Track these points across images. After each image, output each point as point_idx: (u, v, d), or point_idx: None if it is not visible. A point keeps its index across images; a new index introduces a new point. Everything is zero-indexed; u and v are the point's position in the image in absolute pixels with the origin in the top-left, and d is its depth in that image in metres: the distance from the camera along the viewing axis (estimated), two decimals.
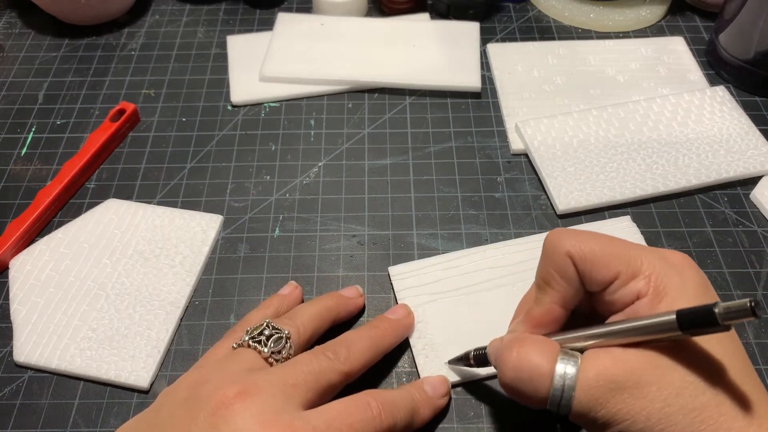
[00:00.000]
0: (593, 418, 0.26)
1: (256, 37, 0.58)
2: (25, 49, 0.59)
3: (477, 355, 0.34)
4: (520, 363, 0.27)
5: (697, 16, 0.61)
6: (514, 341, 0.28)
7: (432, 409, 0.34)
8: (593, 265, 0.27)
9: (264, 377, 0.30)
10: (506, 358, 0.28)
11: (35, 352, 0.38)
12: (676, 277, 0.26)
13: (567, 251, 0.28)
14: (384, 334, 0.36)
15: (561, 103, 0.52)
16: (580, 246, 0.28)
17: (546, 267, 0.29)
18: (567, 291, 0.29)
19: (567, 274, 0.28)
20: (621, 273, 0.27)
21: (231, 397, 0.28)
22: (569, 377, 0.26)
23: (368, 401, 0.30)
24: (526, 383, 0.27)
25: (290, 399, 0.29)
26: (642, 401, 0.24)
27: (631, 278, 0.27)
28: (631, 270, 0.27)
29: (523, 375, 0.27)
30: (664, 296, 0.26)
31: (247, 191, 0.47)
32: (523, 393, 0.27)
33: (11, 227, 0.44)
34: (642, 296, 0.26)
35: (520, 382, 0.27)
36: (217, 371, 0.31)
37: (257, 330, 0.33)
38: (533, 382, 0.27)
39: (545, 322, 0.30)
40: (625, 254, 0.27)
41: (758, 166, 0.46)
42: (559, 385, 0.26)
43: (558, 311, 0.29)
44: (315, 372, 0.31)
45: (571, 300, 0.29)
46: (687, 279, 0.26)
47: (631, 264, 0.27)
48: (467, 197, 0.46)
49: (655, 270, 0.26)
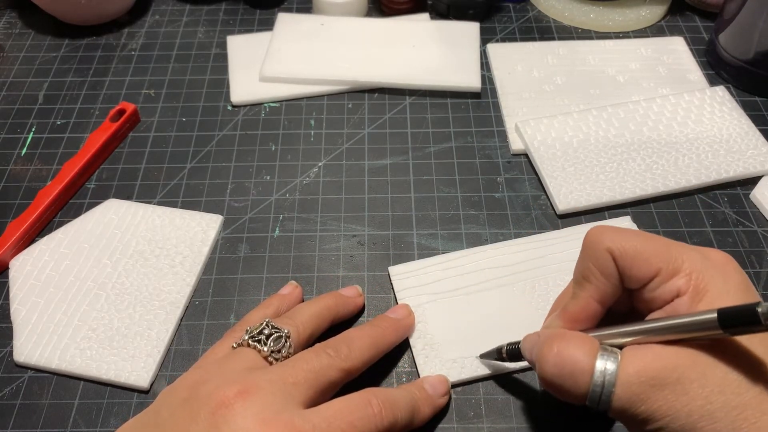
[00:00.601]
0: (633, 414, 0.26)
1: (256, 37, 0.58)
2: (25, 49, 0.59)
3: (510, 350, 0.34)
4: (560, 358, 0.27)
5: (697, 16, 0.61)
6: (554, 336, 0.28)
7: (432, 407, 0.34)
8: (633, 262, 0.27)
9: (264, 376, 0.30)
10: (546, 354, 0.28)
11: (35, 352, 0.38)
12: (718, 276, 0.26)
13: (607, 247, 0.28)
14: (385, 333, 0.36)
15: (561, 103, 0.52)
16: (621, 242, 0.28)
17: (585, 262, 0.29)
18: (606, 287, 0.29)
19: (606, 270, 0.28)
20: (661, 270, 0.27)
21: (231, 396, 0.28)
22: (609, 373, 0.26)
23: (369, 399, 0.30)
24: (566, 379, 0.27)
25: (290, 397, 0.29)
26: (684, 398, 0.24)
27: (672, 276, 0.27)
28: (672, 267, 0.27)
29: (563, 371, 0.27)
30: (705, 295, 0.26)
31: (247, 191, 0.47)
32: (562, 388, 0.27)
33: (11, 227, 0.44)
34: (682, 294, 0.26)
35: (560, 377, 0.27)
36: (216, 371, 0.31)
37: (257, 329, 0.33)
38: (573, 377, 0.27)
39: (582, 318, 0.29)
40: (666, 251, 0.27)
41: (758, 166, 0.46)
42: (599, 381, 0.26)
43: (595, 307, 0.29)
44: (315, 370, 0.31)
45: (609, 296, 0.29)
46: (728, 278, 0.26)
47: (672, 261, 0.27)
48: (467, 197, 0.46)
49: (696, 268, 0.26)
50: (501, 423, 0.36)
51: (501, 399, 0.37)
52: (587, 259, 0.29)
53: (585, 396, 0.26)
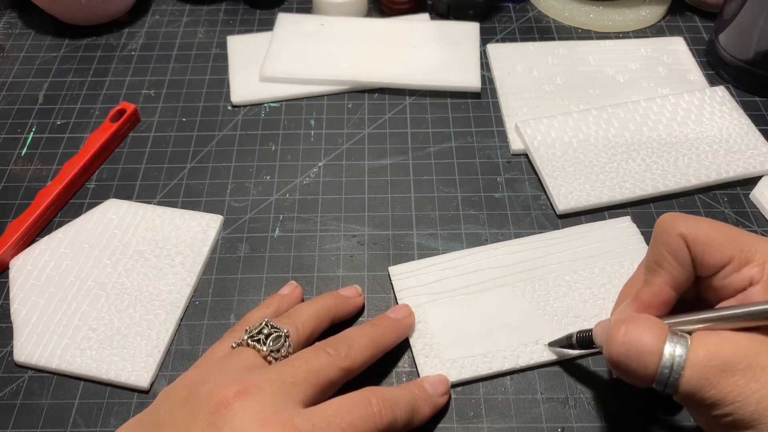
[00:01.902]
0: (701, 398, 0.26)
1: (256, 37, 0.58)
2: (25, 49, 0.59)
3: (581, 338, 0.34)
4: (629, 339, 0.27)
5: (697, 16, 0.61)
6: (623, 319, 0.28)
7: (432, 407, 0.34)
8: (706, 248, 0.28)
9: (263, 375, 0.30)
10: (615, 334, 0.28)
11: (35, 352, 0.38)
12: None
13: (680, 233, 0.28)
14: (384, 332, 0.36)
15: (561, 103, 0.52)
16: (695, 228, 0.28)
17: (658, 248, 0.29)
18: (679, 273, 0.29)
19: (680, 256, 0.28)
20: (734, 258, 0.27)
21: (230, 396, 0.28)
22: (679, 355, 0.26)
23: (368, 398, 0.30)
24: (635, 359, 0.27)
25: (290, 397, 0.29)
26: (755, 384, 0.24)
27: (744, 264, 0.27)
28: (745, 256, 0.27)
29: (631, 351, 0.27)
30: None
31: (247, 191, 0.47)
32: (629, 369, 0.27)
33: (11, 227, 0.44)
34: (755, 283, 0.26)
35: (628, 358, 0.27)
36: (216, 370, 0.31)
37: (256, 329, 0.33)
38: (642, 358, 0.27)
39: (655, 304, 0.30)
40: (739, 240, 0.27)
41: (758, 166, 0.46)
42: (668, 363, 0.26)
43: (668, 293, 0.29)
44: (315, 369, 0.31)
45: (682, 283, 0.29)
46: None
47: (745, 250, 0.27)
48: (467, 197, 0.46)
49: None
50: (501, 423, 0.36)
51: (501, 399, 0.37)
52: (660, 245, 0.29)
53: (652, 378, 0.26)
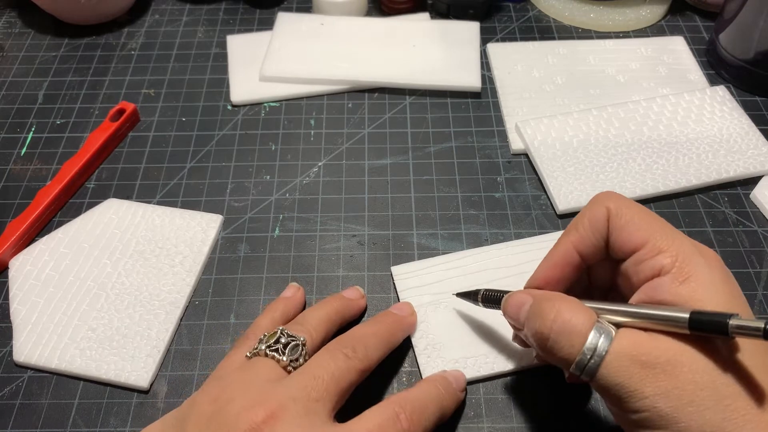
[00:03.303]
0: (617, 389, 0.26)
1: (256, 37, 0.58)
2: (25, 49, 0.59)
3: (486, 296, 0.35)
4: (561, 316, 0.27)
5: (697, 16, 0.61)
6: (556, 297, 0.29)
7: (456, 402, 0.34)
8: (625, 225, 0.28)
9: (288, 393, 0.29)
10: (548, 310, 0.28)
11: (35, 352, 0.38)
12: (704, 266, 0.26)
13: (607, 205, 0.29)
14: (393, 329, 0.36)
15: (561, 103, 0.52)
16: (621, 206, 0.29)
17: (580, 214, 0.30)
18: (588, 237, 0.29)
19: (596, 222, 0.29)
20: (648, 242, 0.27)
21: (259, 422, 0.28)
22: (603, 342, 0.26)
23: (397, 413, 0.30)
24: (562, 336, 0.27)
25: (316, 415, 0.29)
26: (674, 380, 0.25)
27: (658, 252, 0.27)
28: (659, 244, 0.27)
29: (562, 327, 0.27)
30: (688, 279, 0.26)
31: (247, 191, 0.47)
32: (553, 348, 0.27)
33: (11, 227, 0.44)
34: (665, 273, 0.26)
35: (557, 333, 0.27)
36: (239, 384, 0.31)
37: (272, 338, 0.33)
38: (570, 337, 0.27)
39: (558, 263, 0.31)
40: (659, 228, 0.28)
41: (758, 166, 0.46)
42: (591, 346, 0.26)
43: (572, 255, 0.30)
44: (336, 377, 0.31)
45: (588, 249, 0.30)
46: (714, 271, 0.26)
47: (661, 239, 0.27)
48: (467, 197, 0.46)
49: (684, 252, 0.27)
50: (501, 423, 0.36)
51: (501, 399, 0.37)
52: (583, 211, 0.30)
53: (572, 359, 0.27)
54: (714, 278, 0.26)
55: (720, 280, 0.26)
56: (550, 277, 0.31)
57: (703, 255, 0.27)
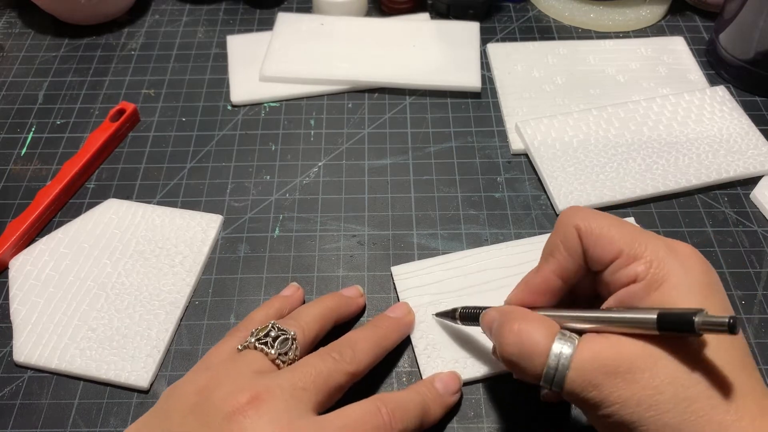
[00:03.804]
0: (585, 398, 0.26)
1: (256, 37, 0.58)
2: (25, 49, 0.59)
3: (464, 314, 0.35)
4: (519, 338, 0.28)
5: (697, 16, 0.61)
6: (515, 316, 0.29)
7: (443, 407, 0.34)
8: (597, 241, 0.28)
9: (274, 381, 0.30)
10: (507, 332, 0.28)
11: (35, 352, 0.38)
12: (679, 268, 0.26)
13: (576, 225, 0.29)
14: (387, 333, 0.36)
15: (561, 103, 0.52)
16: (589, 221, 0.29)
17: (554, 238, 0.30)
18: (567, 262, 0.29)
19: (571, 246, 0.29)
20: (623, 253, 0.27)
21: (243, 403, 0.28)
22: (564, 357, 0.26)
23: (378, 407, 0.30)
24: (523, 358, 0.28)
25: (301, 403, 0.29)
26: (634, 386, 0.25)
27: (632, 260, 0.27)
28: (633, 252, 0.27)
29: (522, 350, 0.28)
30: (662, 284, 0.26)
31: (247, 191, 0.47)
32: (518, 366, 0.28)
33: (11, 227, 0.44)
34: (639, 280, 0.27)
35: (518, 356, 0.28)
36: (225, 375, 0.31)
37: (263, 331, 0.33)
38: (530, 357, 0.27)
39: (541, 291, 0.30)
40: (631, 236, 0.28)
41: (758, 166, 0.46)
42: (553, 363, 0.26)
43: (555, 282, 0.30)
44: (323, 374, 0.31)
45: (570, 273, 0.30)
46: (690, 270, 0.26)
47: (635, 246, 0.27)
48: (467, 197, 0.46)
49: (658, 257, 0.27)
50: (501, 423, 0.36)
51: (501, 399, 0.37)
52: (555, 235, 0.30)
53: (539, 376, 0.27)
54: (688, 279, 0.26)
55: (696, 280, 0.26)
56: (531, 303, 0.31)
57: (678, 256, 0.27)
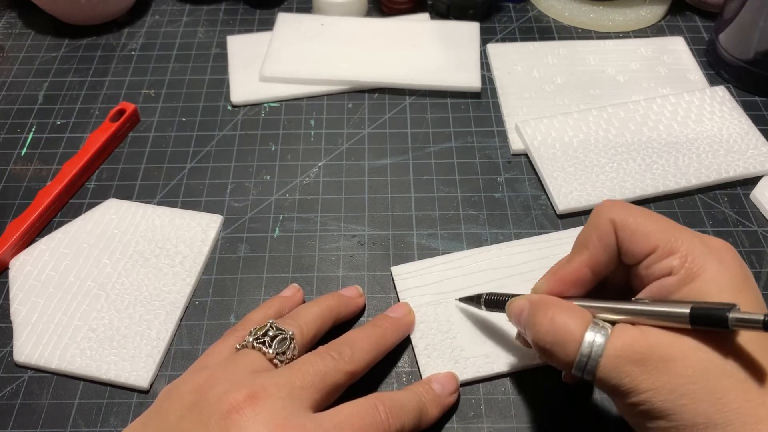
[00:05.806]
0: (616, 386, 0.26)
1: (256, 37, 0.58)
2: (25, 49, 0.59)
3: (489, 300, 0.35)
4: (553, 325, 0.28)
5: (697, 16, 0.61)
6: (549, 303, 0.29)
7: (440, 407, 0.34)
8: (633, 235, 0.28)
9: (272, 380, 0.30)
10: (541, 319, 0.29)
11: (35, 352, 0.38)
12: (714, 262, 0.27)
13: (611, 218, 0.29)
14: (386, 332, 0.36)
15: (561, 103, 0.52)
16: (625, 215, 0.29)
17: (588, 231, 0.30)
18: (600, 255, 0.29)
19: (606, 239, 0.29)
20: (658, 247, 0.27)
21: (240, 401, 0.28)
22: (597, 345, 0.27)
23: (376, 405, 0.30)
24: (557, 345, 0.28)
25: (299, 401, 0.29)
26: (666, 375, 0.25)
27: (668, 255, 0.27)
28: (669, 247, 0.27)
29: (555, 337, 0.28)
30: (697, 278, 0.26)
31: (247, 191, 0.47)
32: (551, 353, 0.28)
33: (11, 227, 0.44)
34: (674, 274, 0.27)
35: (552, 343, 0.28)
36: (222, 374, 0.31)
37: (261, 331, 0.33)
38: (564, 344, 0.27)
39: (570, 281, 0.30)
40: (666, 231, 0.28)
41: (758, 166, 0.46)
42: (586, 351, 0.27)
43: (586, 273, 0.30)
44: (321, 373, 0.31)
45: (602, 266, 0.30)
46: (725, 265, 0.27)
47: (671, 240, 0.27)
48: (467, 197, 0.46)
49: (693, 251, 0.27)
50: (501, 423, 0.36)
51: (501, 399, 0.37)
52: (590, 228, 0.30)
53: (572, 363, 0.27)
54: (723, 274, 0.26)
55: (730, 275, 0.26)
56: (560, 293, 0.31)
57: (713, 251, 0.27)
